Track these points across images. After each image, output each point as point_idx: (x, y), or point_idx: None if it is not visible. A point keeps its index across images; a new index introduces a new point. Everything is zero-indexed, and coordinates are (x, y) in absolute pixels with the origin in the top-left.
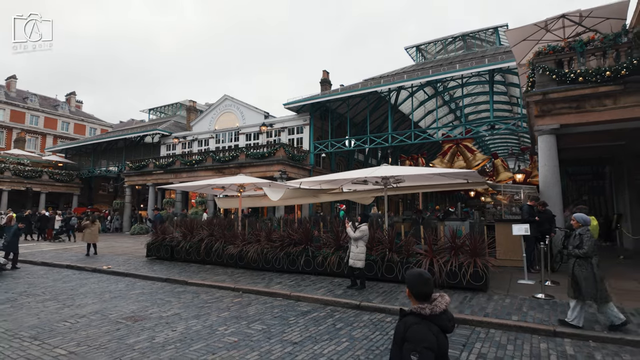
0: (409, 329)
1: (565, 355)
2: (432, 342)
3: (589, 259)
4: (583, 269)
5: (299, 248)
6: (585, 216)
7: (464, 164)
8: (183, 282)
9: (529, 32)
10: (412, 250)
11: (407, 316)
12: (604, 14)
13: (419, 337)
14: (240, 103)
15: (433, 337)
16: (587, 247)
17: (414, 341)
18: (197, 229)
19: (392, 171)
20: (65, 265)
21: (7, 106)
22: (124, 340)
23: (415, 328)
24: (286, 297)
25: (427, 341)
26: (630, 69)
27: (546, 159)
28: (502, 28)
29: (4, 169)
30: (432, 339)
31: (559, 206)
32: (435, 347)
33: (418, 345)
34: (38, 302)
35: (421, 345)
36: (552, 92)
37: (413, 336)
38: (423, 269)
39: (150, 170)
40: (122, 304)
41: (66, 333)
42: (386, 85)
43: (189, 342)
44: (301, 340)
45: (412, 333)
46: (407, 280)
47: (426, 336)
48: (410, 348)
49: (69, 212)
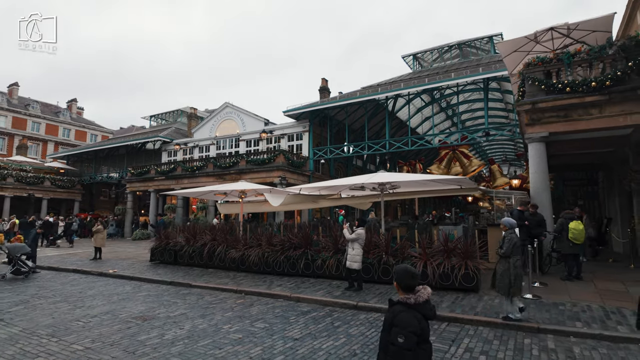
0: (396, 316)
1: (546, 349)
2: (416, 327)
3: (507, 258)
4: (501, 266)
5: (299, 252)
6: (511, 220)
7: (461, 169)
8: (187, 284)
9: (520, 43)
10: (407, 253)
11: (395, 305)
12: (590, 27)
13: (405, 323)
14: (240, 110)
15: (417, 322)
16: (505, 248)
17: (401, 326)
18: (200, 234)
19: (388, 177)
20: (71, 270)
21: (9, 113)
22: (135, 337)
23: (401, 315)
24: (287, 298)
25: (412, 326)
26: (614, 80)
27: (536, 165)
28: (496, 37)
29: (7, 175)
30: (416, 324)
31: (549, 210)
32: (418, 331)
33: (404, 329)
34: (50, 304)
35: (407, 329)
36: (541, 101)
37: (400, 322)
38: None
39: (152, 177)
40: (130, 305)
41: (80, 331)
42: (383, 94)
43: (197, 339)
44: (301, 336)
45: (399, 319)
46: (396, 274)
47: (411, 322)
48: (397, 332)
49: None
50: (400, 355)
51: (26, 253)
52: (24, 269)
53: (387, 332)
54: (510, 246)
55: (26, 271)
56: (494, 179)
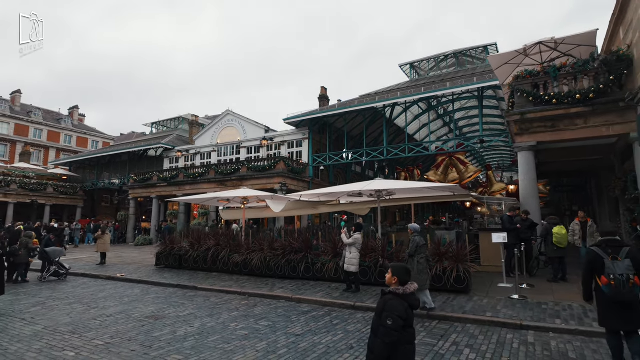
0: (387, 303)
1: (526, 343)
2: (402, 312)
3: (413, 257)
4: (409, 265)
5: (299, 256)
6: (416, 226)
7: (457, 175)
8: (193, 287)
9: (510, 57)
10: (402, 257)
11: (387, 294)
12: (575, 42)
13: (394, 308)
14: (241, 118)
15: (403, 309)
16: (409, 250)
17: (390, 311)
18: (204, 239)
19: (384, 185)
20: (80, 274)
21: (11, 120)
22: (150, 334)
23: (391, 302)
24: (288, 299)
25: (399, 311)
26: (597, 92)
27: (525, 173)
28: (491, 47)
29: (11, 182)
30: (403, 311)
31: (538, 216)
32: (404, 316)
33: (392, 313)
34: (65, 305)
35: (394, 313)
36: (529, 112)
37: (389, 307)
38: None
39: (154, 183)
40: (141, 306)
41: (98, 329)
42: (380, 102)
43: (206, 335)
44: (303, 333)
45: (389, 305)
46: (395, 270)
47: (399, 308)
48: (387, 315)
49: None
50: (388, 334)
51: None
52: (62, 272)
53: (379, 317)
54: (414, 247)
55: (64, 273)
56: (490, 185)
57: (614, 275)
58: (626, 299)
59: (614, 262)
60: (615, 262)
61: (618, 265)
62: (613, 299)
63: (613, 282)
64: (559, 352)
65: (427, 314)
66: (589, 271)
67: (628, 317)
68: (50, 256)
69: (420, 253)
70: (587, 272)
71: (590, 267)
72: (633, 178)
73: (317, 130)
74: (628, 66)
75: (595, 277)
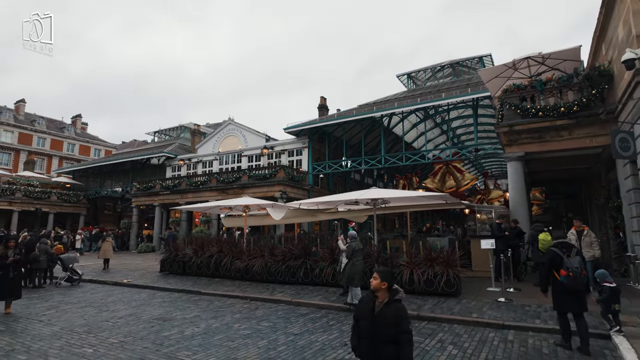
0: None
1: (505, 340)
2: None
3: (350, 259)
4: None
5: (299, 262)
6: (353, 233)
7: (454, 183)
8: (197, 292)
9: (500, 70)
10: (396, 262)
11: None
12: (561, 57)
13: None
14: (242, 127)
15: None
16: (346, 253)
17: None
18: (207, 246)
19: (379, 194)
20: (88, 280)
21: (15, 129)
22: (160, 333)
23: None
24: (288, 303)
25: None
26: (581, 105)
27: (514, 182)
28: (486, 57)
29: (15, 190)
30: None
31: (527, 223)
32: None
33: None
34: (78, 308)
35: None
36: (517, 124)
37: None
38: (405, 278)
39: (157, 191)
40: (149, 309)
41: (112, 329)
42: (378, 112)
43: (212, 334)
44: (301, 332)
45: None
46: (384, 275)
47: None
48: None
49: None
50: (411, 340)
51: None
52: (75, 277)
53: (395, 325)
54: (350, 251)
55: (77, 279)
56: (488, 192)
57: (571, 268)
58: (579, 287)
59: (569, 258)
60: (570, 258)
61: (572, 261)
62: (571, 287)
63: (572, 274)
64: (534, 348)
65: (417, 316)
66: (549, 267)
67: (578, 302)
68: (65, 262)
69: (356, 256)
70: (547, 268)
71: (550, 264)
72: (616, 187)
73: (316, 139)
74: (609, 81)
75: (554, 271)
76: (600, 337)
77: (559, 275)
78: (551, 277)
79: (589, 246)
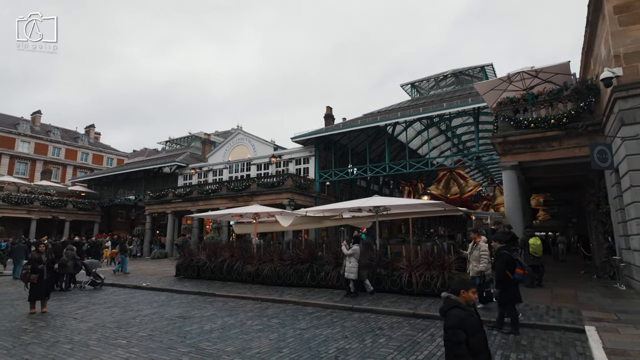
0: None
1: (490, 334)
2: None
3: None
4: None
5: (305, 266)
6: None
7: (458, 189)
8: (212, 294)
9: (495, 84)
10: (396, 265)
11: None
12: (553, 71)
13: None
14: (251, 137)
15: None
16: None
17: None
18: (220, 251)
19: (381, 202)
20: (109, 283)
21: (32, 139)
22: (182, 328)
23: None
24: (295, 303)
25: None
26: (570, 117)
27: (508, 190)
28: (488, 67)
29: (34, 199)
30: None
31: (520, 228)
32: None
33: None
34: (105, 308)
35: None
36: (510, 135)
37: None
38: (403, 281)
39: (170, 199)
40: (169, 309)
41: (139, 325)
42: (382, 122)
43: (228, 329)
44: (307, 327)
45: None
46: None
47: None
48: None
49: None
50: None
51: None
52: (98, 281)
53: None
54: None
55: (100, 282)
56: (494, 198)
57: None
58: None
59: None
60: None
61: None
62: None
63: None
64: (514, 341)
65: (413, 314)
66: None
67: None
68: (88, 267)
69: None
70: (505, 268)
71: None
72: (604, 194)
73: (323, 147)
74: (596, 95)
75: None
76: (574, 330)
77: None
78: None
79: (476, 260)
